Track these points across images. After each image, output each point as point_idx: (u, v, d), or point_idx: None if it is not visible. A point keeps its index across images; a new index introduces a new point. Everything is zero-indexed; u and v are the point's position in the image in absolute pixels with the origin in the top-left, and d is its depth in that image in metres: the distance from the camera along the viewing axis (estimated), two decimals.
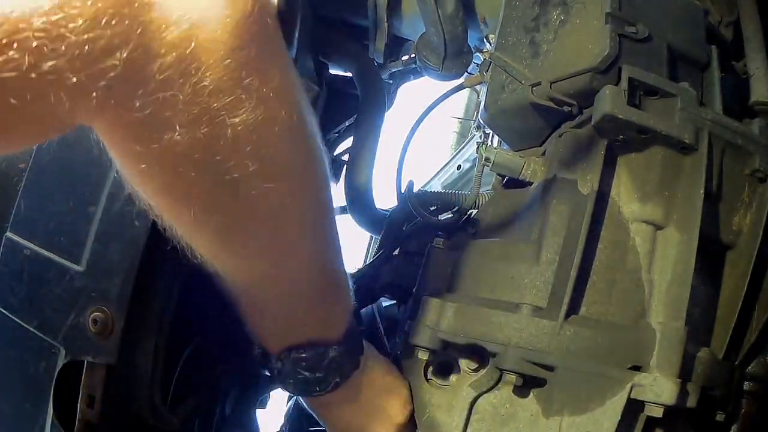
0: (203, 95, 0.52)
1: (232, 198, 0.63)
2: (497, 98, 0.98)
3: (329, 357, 0.83)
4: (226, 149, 0.57)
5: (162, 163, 0.57)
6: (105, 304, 0.87)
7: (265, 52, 0.56)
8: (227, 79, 0.53)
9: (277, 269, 0.75)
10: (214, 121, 0.54)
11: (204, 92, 0.52)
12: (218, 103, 0.53)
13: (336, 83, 1.64)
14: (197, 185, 0.60)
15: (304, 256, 0.76)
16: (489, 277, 0.90)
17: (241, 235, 0.69)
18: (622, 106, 0.81)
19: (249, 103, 0.55)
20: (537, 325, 0.80)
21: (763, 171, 0.88)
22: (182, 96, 0.51)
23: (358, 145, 1.44)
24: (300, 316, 0.82)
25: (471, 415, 0.85)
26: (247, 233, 0.69)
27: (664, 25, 0.93)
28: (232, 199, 0.63)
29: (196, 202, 0.63)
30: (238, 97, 0.54)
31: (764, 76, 0.97)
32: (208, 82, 0.52)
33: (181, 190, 0.61)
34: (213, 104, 0.53)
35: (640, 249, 0.84)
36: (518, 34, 0.98)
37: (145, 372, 0.93)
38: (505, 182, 1.06)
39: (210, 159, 0.57)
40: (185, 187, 0.61)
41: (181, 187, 0.61)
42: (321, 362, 0.82)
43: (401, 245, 1.14)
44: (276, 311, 0.81)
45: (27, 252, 0.94)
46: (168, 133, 0.53)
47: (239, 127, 0.55)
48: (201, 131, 0.54)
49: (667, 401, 0.74)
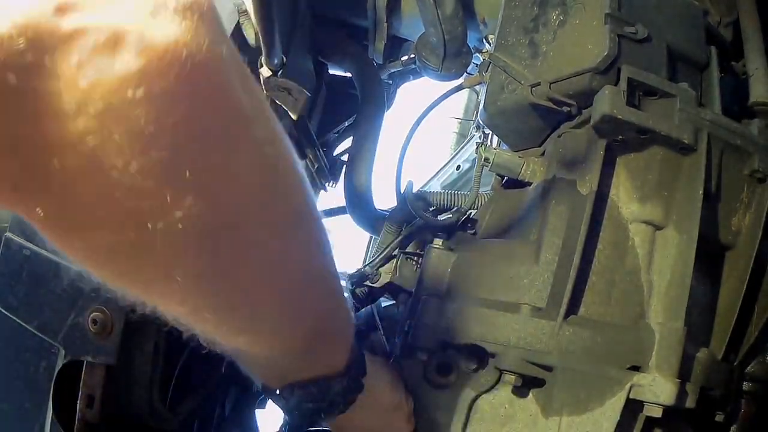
0: (123, 195, 0.42)
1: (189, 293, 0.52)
2: (496, 98, 0.98)
3: (334, 390, 0.77)
4: (166, 251, 0.46)
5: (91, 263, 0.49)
6: (104, 304, 0.87)
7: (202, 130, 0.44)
8: (150, 174, 0.42)
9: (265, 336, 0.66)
10: (142, 225, 0.44)
11: (123, 192, 0.42)
12: (144, 204, 0.43)
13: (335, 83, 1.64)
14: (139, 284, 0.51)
15: (294, 316, 0.66)
16: (488, 278, 0.90)
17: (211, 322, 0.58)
18: (621, 106, 0.81)
19: (184, 198, 0.44)
20: (536, 325, 0.80)
21: (762, 171, 0.88)
22: (96, 198, 0.42)
23: (358, 145, 1.44)
24: (298, 362, 0.74)
25: (470, 415, 0.85)
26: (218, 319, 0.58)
27: (663, 25, 0.93)
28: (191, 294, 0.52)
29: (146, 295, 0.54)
30: (168, 195, 0.43)
31: (763, 77, 0.97)
32: (126, 179, 0.42)
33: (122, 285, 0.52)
34: (137, 205, 0.43)
35: (640, 249, 0.84)
36: (517, 35, 0.98)
37: (145, 372, 0.93)
38: (504, 182, 1.06)
39: (149, 262, 0.48)
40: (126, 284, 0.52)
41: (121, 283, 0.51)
42: (326, 395, 0.77)
43: (401, 245, 1.14)
44: (271, 361, 0.73)
45: (27, 252, 0.94)
46: (88, 235, 0.45)
47: (177, 226, 0.45)
48: (129, 235, 0.45)
49: (666, 401, 0.74)
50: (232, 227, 0.50)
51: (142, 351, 0.92)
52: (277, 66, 1.02)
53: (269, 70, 1.00)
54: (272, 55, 0.99)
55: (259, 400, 1.32)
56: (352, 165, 1.43)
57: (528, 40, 0.96)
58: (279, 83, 1.01)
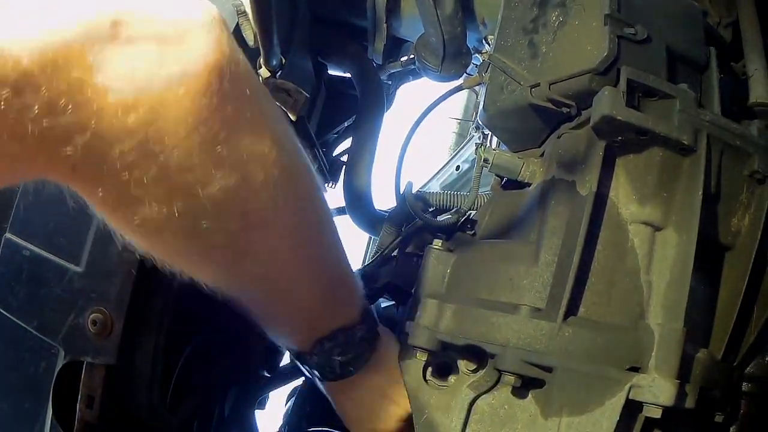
0: (171, 172, 0.53)
1: (223, 251, 0.64)
2: (496, 99, 0.98)
3: (357, 336, 0.88)
4: (206, 216, 0.57)
5: (142, 234, 0.59)
6: (104, 304, 0.87)
7: (232, 117, 0.55)
8: (194, 155, 0.53)
9: (287, 286, 0.78)
10: (188, 195, 0.55)
11: (171, 170, 0.52)
12: (188, 178, 0.54)
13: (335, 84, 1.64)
14: (185, 248, 0.62)
15: (312, 266, 0.79)
16: (488, 278, 0.90)
17: (242, 275, 0.71)
18: (620, 107, 0.81)
19: (221, 172, 0.55)
20: (536, 326, 0.80)
21: (762, 172, 0.88)
22: (148, 176, 0.52)
23: (357, 146, 1.45)
24: (320, 313, 0.85)
25: (469, 416, 0.85)
26: (248, 271, 0.71)
27: (662, 26, 0.93)
28: (225, 252, 0.64)
29: (186, 260, 0.65)
30: (208, 170, 0.54)
31: (763, 77, 0.97)
32: (174, 160, 0.52)
33: (169, 253, 0.63)
34: (183, 179, 0.54)
35: (639, 250, 0.84)
36: (517, 36, 0.98)
37: (145, 372, 0.93)
38: (503, 183, 1.06)
39: (192, 227, 0.58)
40: (172, 252, 0.62)
41: (169, 251, 0.62)
42: (351, 344, 0.87)
43: (400, 246, 1.14)
44: (295, 317, 0.85)
45: (26, 253, 0.94)
46: (141, 209, 0.54)
47: (215, 195, 0.56)
48: (175, 205, 0.54)
49: (666, 402, 0.74)
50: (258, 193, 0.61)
51: (142, 351, 0.92)
52: (276, 67, 1.02)
53: (268, 71, 1.00)
54: (271, 56, 0.99)
55: (259, 400, 1.33)
56: (351, 165, 1.43)
57: (527, 41, 0.96)
58: (278, 84, 1.01)
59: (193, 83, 0.51)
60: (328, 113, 1.64)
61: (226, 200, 0.57)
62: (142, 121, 0.49)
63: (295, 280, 0.78)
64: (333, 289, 0.85)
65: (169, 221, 0.56)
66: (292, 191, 0.68)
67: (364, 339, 0.89)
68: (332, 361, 0.87)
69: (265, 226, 0.65)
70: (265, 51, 0.97)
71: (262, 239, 0.67)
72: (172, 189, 0.54)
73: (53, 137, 0.47)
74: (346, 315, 0.88)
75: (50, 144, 0.47)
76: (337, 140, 1.74)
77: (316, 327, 0.86)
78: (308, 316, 0.85)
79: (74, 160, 0.49)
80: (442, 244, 0.99)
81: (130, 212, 0.55)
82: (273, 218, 0.66)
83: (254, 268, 0.70)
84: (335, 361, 0.87)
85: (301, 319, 0.86)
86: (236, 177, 0.57)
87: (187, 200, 0.55)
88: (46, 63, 0.45)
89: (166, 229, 0.57)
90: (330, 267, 0.84)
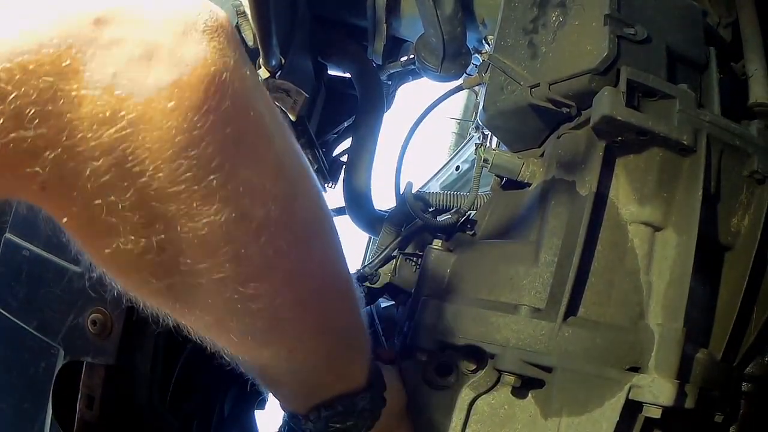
0: (151, 200, 0.45)
1: (206, 297, 0.53)
2: (496, 99, 0.98)
3: (359, 406, 0.77)
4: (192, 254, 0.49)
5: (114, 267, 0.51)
6: (104, 304, 0.87)
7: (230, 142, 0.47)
8: (179, 181, 0.45)
9: (286, 345, 0.66)
10: (170, 227, 0.46)
11: (152, 197, 0.45)
12: (171, 209, 0.46)
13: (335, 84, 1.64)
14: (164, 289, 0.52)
15: (318, 324, 0.67)
16: (487, 279, 0.90)
17: (230, 329, 0.59)
18: (620, 107, 0.81)
19: (211, 205, 0.47)
20: (535, 326, 0.80)
21: (762, 172, 0.88)
22: (124, 202, 0.44)
23: (357, 146, 1.45)
24: (322, 378, 0.75)
25: (469, 416, 0.85)
26: (236, 326, 0.59)
27: (662, 26, 0.93)
28: (215, 300, 0.54)
29: (163, 302, 0.55)
30: (195, 200, 0.46)
31: (763, 78, 0.97)
32: (155, 185, 0.44)
33: (143, 293, 0.54)
34: (165, 209, 0.46)
35: (639, 250, 0.84)
36: (517, 36, 0.98)
37: (145, 372, 0.93)
38: (503, 183, 1.06)
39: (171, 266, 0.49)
40: (147, 292, 0.53)
41: (143, 291, 0.53)
42: (352, 413, 0.77)
43: (400, 246, 1.14)
44: (295, 380, 0.75)
45: (26, 253, 0.94)
46: (115, 240, 0.46)
47: (203, 231, 0.47)
48: (155, 238, 0.47)
49: (665, 402, 0.74)
50: (255, 235, 0.52)
51: (142, 351, 0.92)
52: (276, 67, 1.02)
53: (267, 72, 1.00)
54: (270, 57, 0.99)
55: (259, 400, 1.32)
56: (351, 166, 1.44)
57: (527, 41, 0.96)
58: (277, 84, 1.01)
59: (185, 96, 0.43)
60: (328, 113, 1.64)
61: (215, 240, 0.48)
62: (119, 138, 0.42)
63: (294, 339, 0.65)
64: (339, 348, 0.73)
65: (144, 255, 0.48)
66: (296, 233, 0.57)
67: (367, 409, 0.78)
68: (328, 428, 0.77)
69: (259, 276, 0.54)
70: (264, 51, 0.97)
71: (256, 290, 0.55)
72: (151, 218, 0.46)
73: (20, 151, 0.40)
74: (351, 379, 0.77)
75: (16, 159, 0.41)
76: (337, 140, 1.74)
77: (315, 393, 0.76)
78: (307, 377, 0.74)
79: (43, 178, 0.42)
80: (442, 244, 0.99)
81: (101, 241, 0.47)
82: (271, 266, 0.55)
83: (245, 323, 0.58)
84: (331, 428, 0.77)
85: (298, 381, 0.75)
86: (228, 213, 0.48)
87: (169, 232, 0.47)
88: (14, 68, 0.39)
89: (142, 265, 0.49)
90: (338, 322, 0.71)
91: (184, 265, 0.49)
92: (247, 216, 0.50)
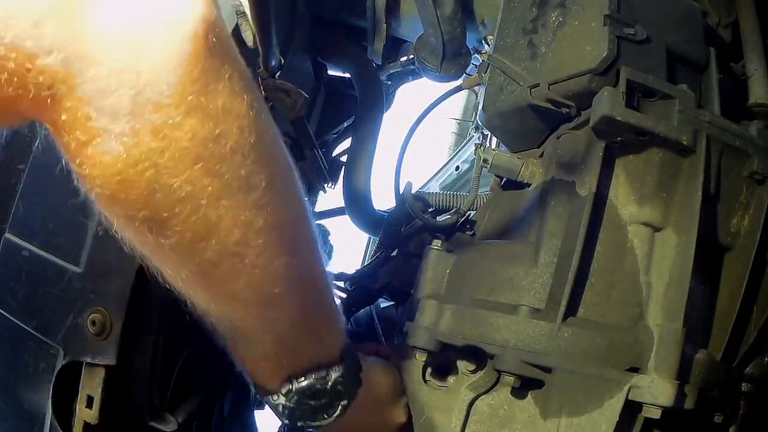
0: (145, 108, 0.52)
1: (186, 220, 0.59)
2: (495, 100, 0.98)
3: (332, 379, 0.79)
4: (175, 162, 0.55)
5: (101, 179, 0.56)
6: (103, 305, 0.87)
7: (210, 71, 0.55)
8: (170, 93, 0.53)
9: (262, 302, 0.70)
10: (159, 134, 0.54)
11: (145, 105, 0.52)
12: (161, 116, 0.53)
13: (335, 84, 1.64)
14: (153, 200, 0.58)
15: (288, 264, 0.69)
16: (487, 279, 0.90)
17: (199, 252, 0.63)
18: (620, 108, 0.81)
19: (195, 117, 0.55)
20: (535, 326, 0.80)
21: (761, 173, 0.88)
22: (122, 106, 0.52)
23: (357, 146, 1.45)
24: (295, 342, 0.77)
25: (469, 417, 0.85)
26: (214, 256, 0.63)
27: (662, 26, 0.93)
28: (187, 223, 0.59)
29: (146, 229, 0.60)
30: (181, 111, 0.54)
31: (762, 78, 0.97)
32: (148, 94, 0.52)
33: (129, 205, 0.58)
34: (156, 118, 0.53)
35: (638, 251, 0.84)
36: (516, 36, 0.98)
37: (144, 372, 0.93)
38: (503, 184, 1.06)
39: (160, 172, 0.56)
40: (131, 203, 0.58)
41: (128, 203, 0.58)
42: (325, 386, 0.79)
43: (399, 246, 1.15)
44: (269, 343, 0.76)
45: (26, 253, 0.94)
46: (110, 144, 0.53)
47: (186, 139, 0.55)
48: (144, 142, 0.54)
49: (665, 403, 0.74)
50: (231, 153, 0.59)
51: (142, 351, 0.92)
52: (275, 67, 1.02)
53: (267, 72, 1.00)
54: (270, 57, 0.99)
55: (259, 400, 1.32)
56: (351, 166, 1.44)
57: (527, 42, 0.96)
58: (277, 84, 1.01)
59: (181, 29, 0.52)
60: (328, 113, 1.64)
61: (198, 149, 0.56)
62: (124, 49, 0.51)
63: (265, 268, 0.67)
64: (312, 300, 0.75)
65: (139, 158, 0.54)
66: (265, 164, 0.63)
67: (340, 383, 0.79)
68: (301, 405, 0.79)
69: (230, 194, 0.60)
70: (264, 51, 0.97)
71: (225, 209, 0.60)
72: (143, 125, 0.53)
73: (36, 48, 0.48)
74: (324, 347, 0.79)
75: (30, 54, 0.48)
76: (336, 140, 1.74)
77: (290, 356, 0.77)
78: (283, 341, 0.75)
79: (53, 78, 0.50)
80: (442, 245, 0.99)
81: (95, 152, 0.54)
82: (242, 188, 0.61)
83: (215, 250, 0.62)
84: (305, 407, 0.79)
85: (272, 341, 0.76)
86: (210, 127, 0.55)
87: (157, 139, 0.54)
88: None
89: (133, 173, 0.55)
90: (310, 270, 0.74)
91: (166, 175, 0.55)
92: (225, 134, 0.57)
